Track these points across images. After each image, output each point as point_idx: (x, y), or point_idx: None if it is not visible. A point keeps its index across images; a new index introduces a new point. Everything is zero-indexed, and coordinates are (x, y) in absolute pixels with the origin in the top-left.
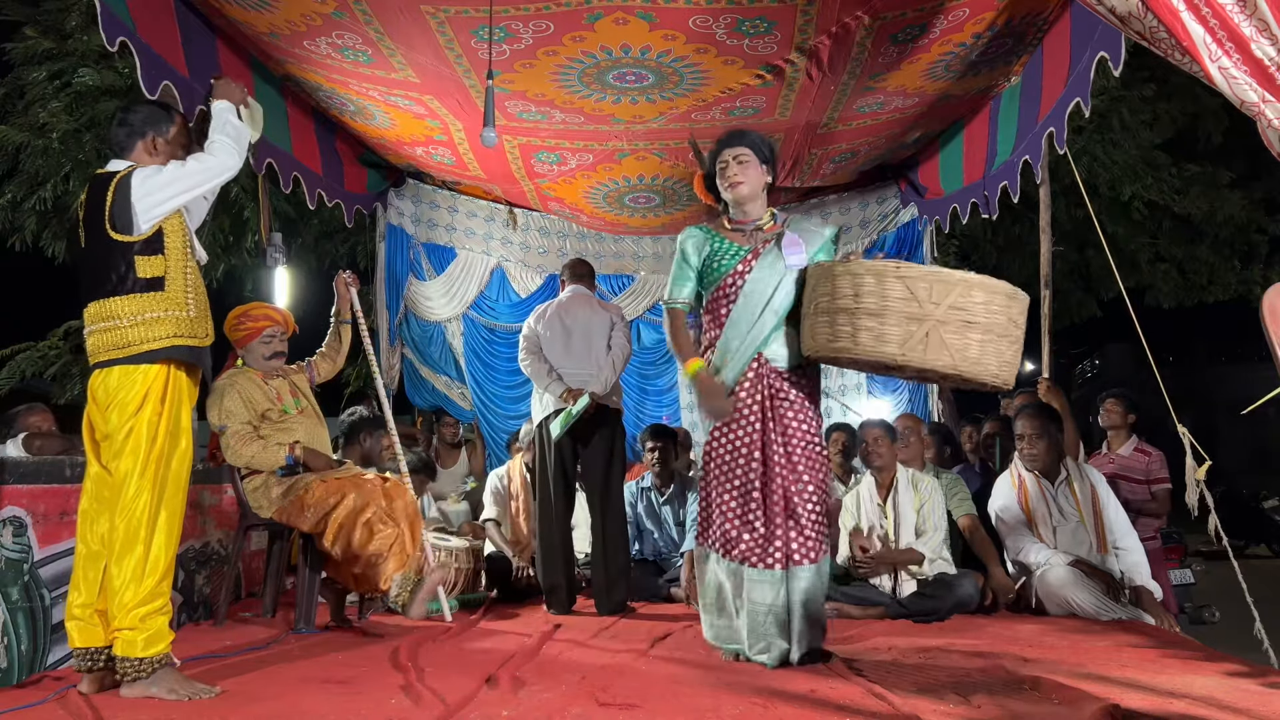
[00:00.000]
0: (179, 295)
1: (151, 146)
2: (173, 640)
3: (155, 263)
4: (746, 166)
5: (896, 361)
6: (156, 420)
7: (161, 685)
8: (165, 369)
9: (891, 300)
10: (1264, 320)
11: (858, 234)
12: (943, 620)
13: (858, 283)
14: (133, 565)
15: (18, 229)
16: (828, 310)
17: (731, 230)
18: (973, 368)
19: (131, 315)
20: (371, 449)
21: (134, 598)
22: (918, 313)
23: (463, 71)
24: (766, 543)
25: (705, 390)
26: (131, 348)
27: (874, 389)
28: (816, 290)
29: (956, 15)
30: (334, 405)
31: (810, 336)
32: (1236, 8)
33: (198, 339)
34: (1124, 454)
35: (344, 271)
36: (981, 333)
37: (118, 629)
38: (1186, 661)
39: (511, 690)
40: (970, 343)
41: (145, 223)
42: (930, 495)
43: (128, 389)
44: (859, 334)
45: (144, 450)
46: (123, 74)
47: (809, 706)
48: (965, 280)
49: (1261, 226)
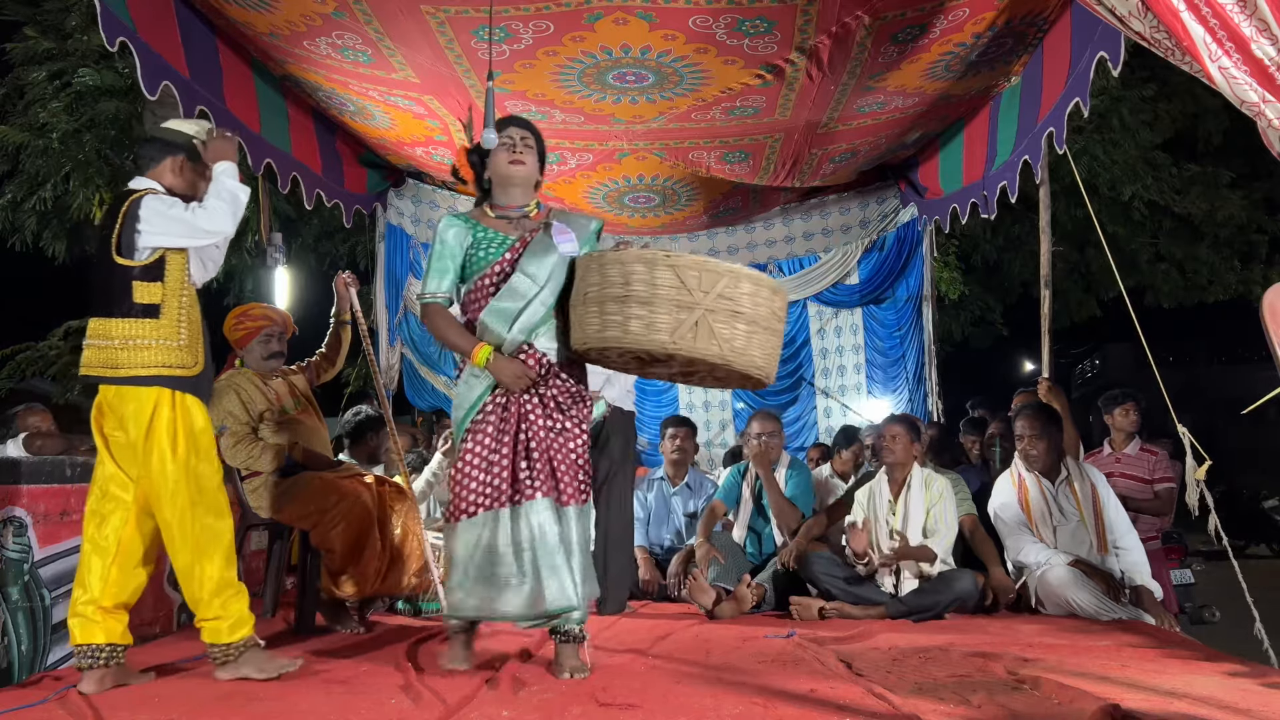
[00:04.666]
0: (171, 324)
1: (178, 168)
2: (254, 623)
3: (153, 290)
4: (530, 151)
5: (667, 350)
6: (173, 425)
7: (251, 665)
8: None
9: (661, 288)
10: (1264, 320)
11: (858, 234)
12: (941, 616)
13: (627, 270)
14: (193, 555)
15: (18, 229)
16: (597, 300)
17: (496, 218)
18: (740, 358)
19: (123, 338)
20: (378, 448)
21: (207, 587)
22: (687, 301)
23: (463, 72)
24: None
25: (501, 368)
26: (121, 369)
27: (874, 389)
28: (586, 280)
29: (956, 15)
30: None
31: (579, 328)
32: (1236, 8)
33: (185, 368)
34: (1130, 453)
35: (343, 272)
36: (747, 324)
37: (202, 619)
38: (1187, 661)
39: (511, 690)
40: (738, 333)
41: (143, 250)
42: (941, 496)
43: (135, 403)
44: (629, 322)
45: (169, 451)
46: (123, 74)
47: (809, 706)
48: (733, 271)
49: (1261, 226)
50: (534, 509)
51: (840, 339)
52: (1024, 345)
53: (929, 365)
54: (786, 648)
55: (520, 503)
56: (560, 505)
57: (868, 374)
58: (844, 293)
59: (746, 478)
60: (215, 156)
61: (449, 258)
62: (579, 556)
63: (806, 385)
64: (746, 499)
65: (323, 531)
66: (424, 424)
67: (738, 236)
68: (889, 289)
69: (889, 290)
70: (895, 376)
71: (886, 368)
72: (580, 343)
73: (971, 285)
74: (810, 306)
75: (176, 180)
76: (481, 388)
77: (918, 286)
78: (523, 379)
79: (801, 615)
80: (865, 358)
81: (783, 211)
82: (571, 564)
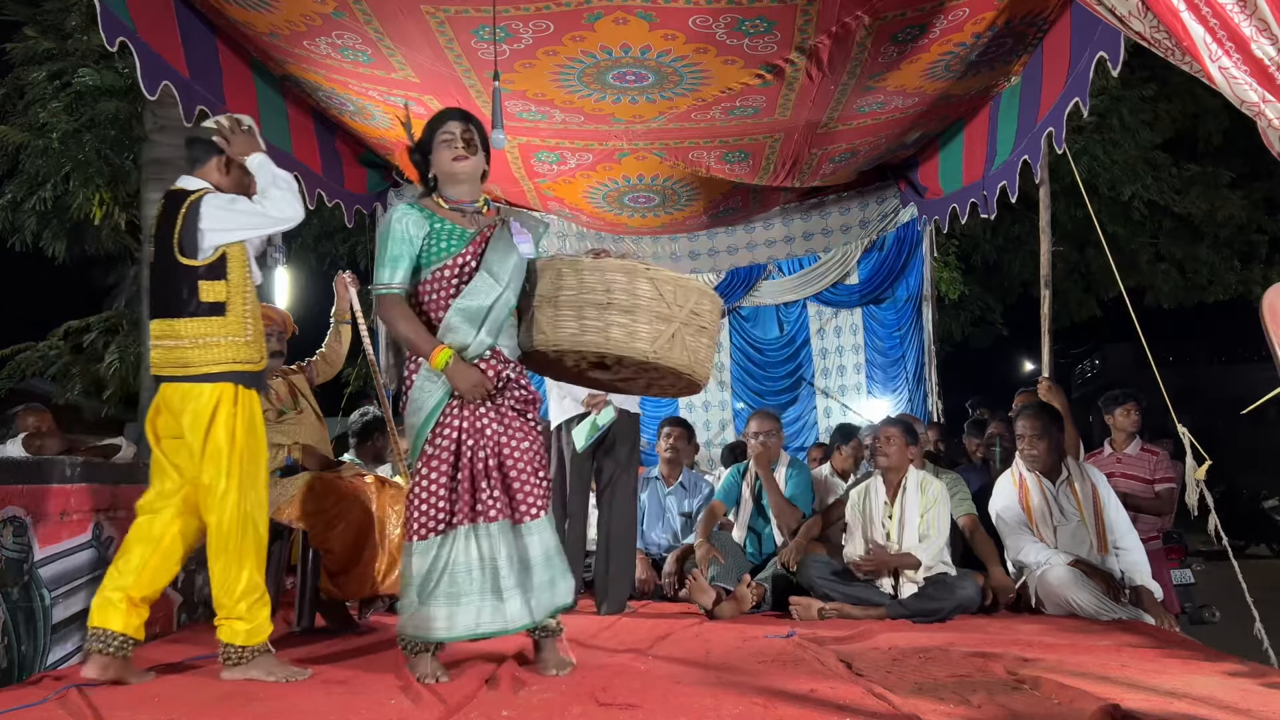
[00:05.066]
0: (238, 320)
1: (222, 166)
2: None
3: (218, 288)
4: (478, 147)
5: (646, 358)
6: (232, 424)
7: (260, 668)
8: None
9: (642, 299)
10: (1264, 320)
11: (857, 234)
12: (944, 621)
13: (608, 279)
14: (231, 558)
15: (18, 229)
16: (573, 304)
17: (450, 210)
18: (700, 369)
19: (193, 337)
20: (384, 448)
21: (240, 588)
22: (665, 313)
23: (463, 71)
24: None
25: (462, 374)
26: (191, 368)
27: (874, 389)
28: (559, 284)
29: (956, 15)
30: (334, 405)
31: (549, 329)
32: (1236, 7)
33: (253, 364)
34: (1131, 453)
35: (344, 272)
36: (709, 338)
37: (225, 617)
38: (1186, 661)
39: (511, 690)
40: (701, 345)
41: (208, 248)
42: (936, 501)
43: (197, 401)
44: (610, 329)
45: (225, 454)
46: (123, 74)
47: (809, 706)
48: (700, 289)
49: (1261, 226)
50: (491, 530)
51: (840, 339)
52: (1024, 345)
53: (929, 365)
54: (786, 648)
55: (478, 522)
56: (516, 523)
57: (867, 374)
58: (844, 293)
59: (746, 478)
60: (243, 151)
61: (405, 246)
62: (544, 566)
63: (806, 385)
64: (746, 499)
65: (322, 532)
66: None
67: (737, 236)
68: (889, 289)
69: (889, 290)
70: (895, 376)
71: (886, 368)
72: (546, 343)
73: (971, 285)
74: (810, 306)
75: (223, 179)
76: (440, 393)
77: (918, 286)
78: (480, 388)
79: (801, 615)
80: (865, 358)
81: (783, 211)
82: (530, 580)
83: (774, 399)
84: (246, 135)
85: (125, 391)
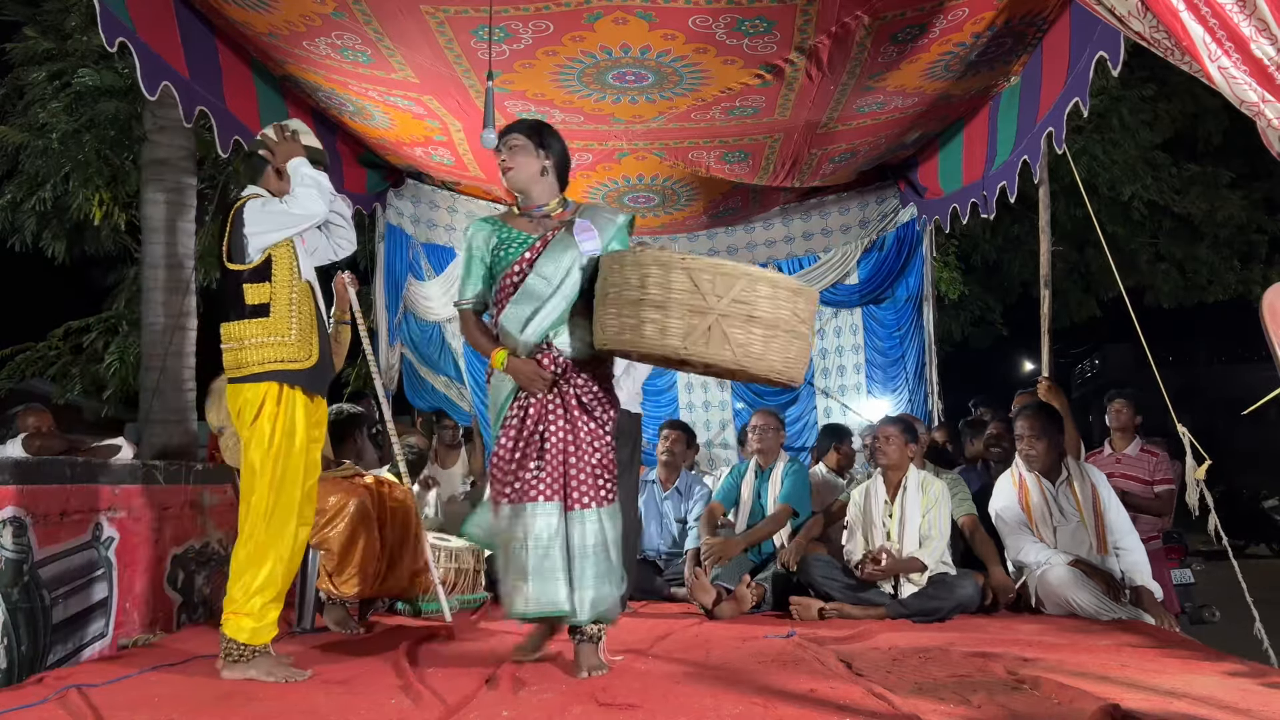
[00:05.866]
0: (282, 321)
1: (275, 174)
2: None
3: (262, 290)
4: (516, 152)
5: (680, 355)
6: (271, 424)
7: (259, 668)
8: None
9: (675, 292)
10: (1264, 320)
11: (857, 234)
12: (944, 621)
13: (643, 273)
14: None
15: (17, 229)
16: (616, 301)
17: (520, 217)
18: (756, 364)
19: (241, 339)
20: (364, 448)
21: (256, 583)
22: (701, 305)
23: (462, 72)
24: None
25: (517, 370)
26: (244, 369)
27: (874, 389)
28: (607, 280)
29: (956, 15)
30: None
31: (600, 328)
32: (1236, 7)
33: (298, 362)
34: (1130, 453)
35: (343, 272)
36: (765, 328)
37: (234, 612)
38: (1186, 661)
39: (511, 690)
40: (754, 338)
41: (254, 252)
42: (938, 500)
43: (243, 400)
44: (644, 326)
45: (262, 452)
46: (122, 74)
47: (809, 706)
48: (749, 274)
49: (1261, 226)
50: (535, 510)
51: (840, 339)
52: (1024, 345)
53: (929, 365)
54: (786, 648)
55: (523, 502)
56: (568, 510)
57: (868, 374)
58: (844, 293)
59: (745, 478)
60: (286, 157)
61: (477, 263)
62: (591, 560)
63: (806, 385)
64: (746, 499)
65: (321, 531)
66: (424, 424)
67: (737, 236)
68: (889, 289)
69: (889, 290)
70: (895, 376)
71: (886, 368)
72: (602, 342)
73: (971, 285)
74: None
75: (281, 185)
76: (508, 388)
77: (917, 286)
78: (537, 380)
79: (801, 615)
80: (865, 358)
81: (782, 211)
82: (574, 568)
83: (774, 398)
84: (289, 141)
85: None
